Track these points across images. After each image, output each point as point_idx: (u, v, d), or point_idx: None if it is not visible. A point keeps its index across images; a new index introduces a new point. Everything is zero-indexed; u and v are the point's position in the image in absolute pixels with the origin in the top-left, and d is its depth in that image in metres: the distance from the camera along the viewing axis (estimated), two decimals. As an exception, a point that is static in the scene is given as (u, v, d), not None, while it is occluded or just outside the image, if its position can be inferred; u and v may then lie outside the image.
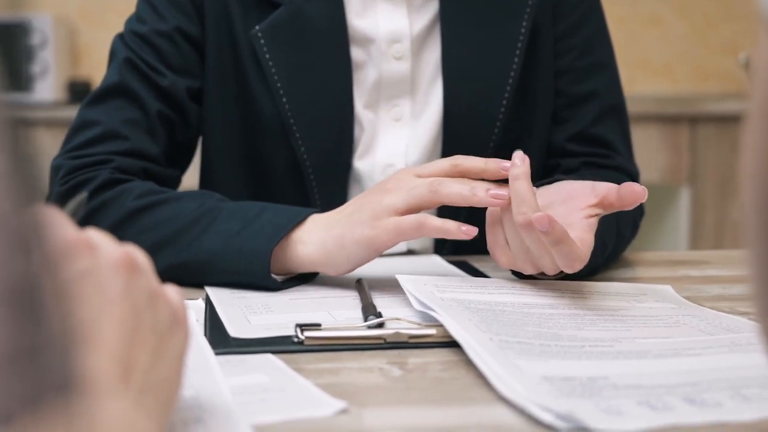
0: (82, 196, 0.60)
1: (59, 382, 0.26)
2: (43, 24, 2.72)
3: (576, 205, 0.88)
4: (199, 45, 1.13)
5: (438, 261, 1.09)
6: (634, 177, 1.17)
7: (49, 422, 0.27)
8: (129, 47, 1.12)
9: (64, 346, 0.27)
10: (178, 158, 1.15)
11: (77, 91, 2.79)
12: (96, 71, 2.99)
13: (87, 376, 0.44)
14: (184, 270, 0.94)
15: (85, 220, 0.99)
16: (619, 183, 1.08)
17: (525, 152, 1.11)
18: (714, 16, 3.22)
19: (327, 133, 1.11)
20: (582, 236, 0.85)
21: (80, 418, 0.38)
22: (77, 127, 1.09)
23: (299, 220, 0.93)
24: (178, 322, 0.52)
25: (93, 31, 3.04)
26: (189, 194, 1.01)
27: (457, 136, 1.12)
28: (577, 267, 0.84)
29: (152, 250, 0.77)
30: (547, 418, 0.56)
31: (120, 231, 0.96)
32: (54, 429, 0.33)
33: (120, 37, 1.14)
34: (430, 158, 1.13)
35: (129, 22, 1.15)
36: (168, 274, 0.81)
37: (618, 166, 1.17)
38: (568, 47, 1.16)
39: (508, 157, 1.12)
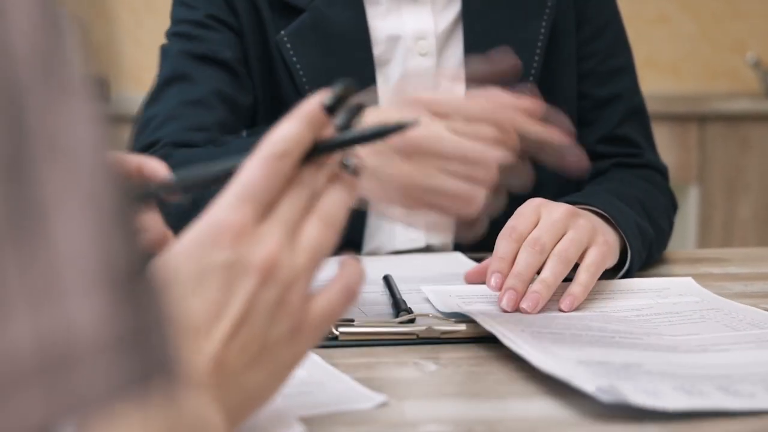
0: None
1: (162, 366, 0.27)
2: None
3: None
4: (236, 30, 1.14)
5: (461, 258, 1.10)
6: (663, 172, 1.21)
7: (148, 405, 0.28)
8: (173, 46, 1.15)
9: (167, 330, 0.28)
10: (238, 128, 1.15)
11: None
12: (108, 69, 3.01)
13: (183, 363, 0.46)
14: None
15: None
16: (651, 181, 1.12)
17: None
18: (722, 14, 3.22)
19: None
20: None
21: (174, 403, 0.40)
22: (140, 126, 1.12)
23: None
24: (297, 339, 0.50)
25: (106, 28, 3.06)
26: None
27: None
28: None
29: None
30: (589, 387, 0.57)
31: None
32: (158, 413, 0.34)
33: (166, 45, 1.17)
34: None
35: (169, 29, 1.18)
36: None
37: (647, 164, 1.19)
38: (592, 51, 1.19)
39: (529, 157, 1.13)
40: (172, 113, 1.10)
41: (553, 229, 0.86)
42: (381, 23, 1.14)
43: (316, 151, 0.50)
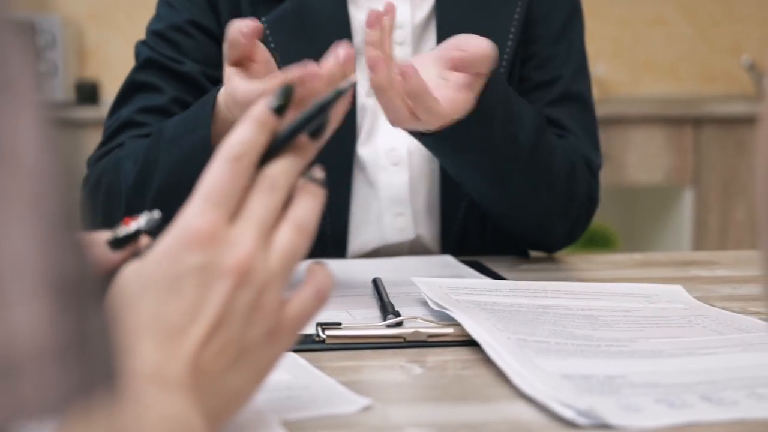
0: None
1: (106, 374, 0.27)
2: (51, 25, 2.74)
3: (446, 64, 0.94)
4: (215, 36, 1.15)
5: (450, 261, 1.10)
6: (589, 163, 1.17)
7: (96, 414, 0.28)
8: (149, 46, 1.16)
9: (110, 338, 0.28)
10: None
11: (85, 92, 2.81)
12: (104, 72, 3.01)
13: (156, 368, 0.46)
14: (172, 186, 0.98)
15: (93, 188, 1.08)
16: (573, 156, 1.11)
17: None
18: (719, 17, 3.23)
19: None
20: (452, 95, 0.91)
21: (126, 410, 0.40)
22: (104, 131, 1.16)
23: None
24: (273, 341, 0.51)
25: (101, 32, 3.05)
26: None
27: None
28: (434, 122, 0.91)
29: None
30: (568, 414, 0.57)
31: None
32: (100, 421, 0.34)
33: (141, 42, 1.18)
34: None
35: (149, 23, 1.19)
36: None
37: (570, 143, 1.16)
38: (537, 35, 1.19)
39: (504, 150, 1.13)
40: (131, 118, 1.13)
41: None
42: (360, 12, 1.16)
43: (271, 151, 0.52)
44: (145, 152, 1.03)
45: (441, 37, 1.14)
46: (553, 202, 1.11)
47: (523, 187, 1.07)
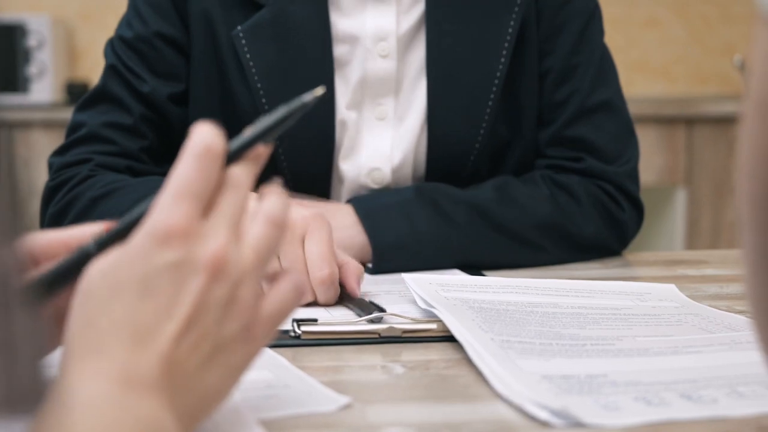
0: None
1: (29, 384, 0.26)
2: (41, 25, 2.73)
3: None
4: (182, 49, 1.14)
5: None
6: (611, 179, 1.15)
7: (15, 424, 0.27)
8: (115, 53, 1.15)
9: (35, 348, 0.27)
10: (169, 156, 1.16)
11: (75, 92, 2.80)
12: (94, 72, 3.00)
13: (126, 369, 0.45)
14: None
15: (58, 213, 1.08)
16: (563, 188, 1.13)
17: (512, 152, 1.14)
18: (712, 18, 3.23)
19: (306, 133, 1.10)
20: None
21: (81, 415, 0.39)
22: (69, 128, 1.16)
23: None
24: (249, 337, 0.50)
25: (91, 31, 3.04)
26: (145, 181, 1.06)
27: (442, 136, 1.13)
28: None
29: None
30: (542, 415, 0.57)
31: (83, 219, 1.03)
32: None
33: (110, 42, 1.18)
34: (414, 160, 1.14)
35: (119, 26, 1.18)
36: None
37: (584, 170, 1.14)
38: (551, 47, 1.16)
39: (493, 160, 1.13)
40: (97, 132, 1.13)
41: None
42: (343, 21, 1.12)
43: (239, 151, 0.52)
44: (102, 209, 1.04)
45: (431, 50, 1.12)
46: (549, 254, 1.10)
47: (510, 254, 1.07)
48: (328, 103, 1.11)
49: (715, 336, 0.76)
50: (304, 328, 0.75)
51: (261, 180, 1.20)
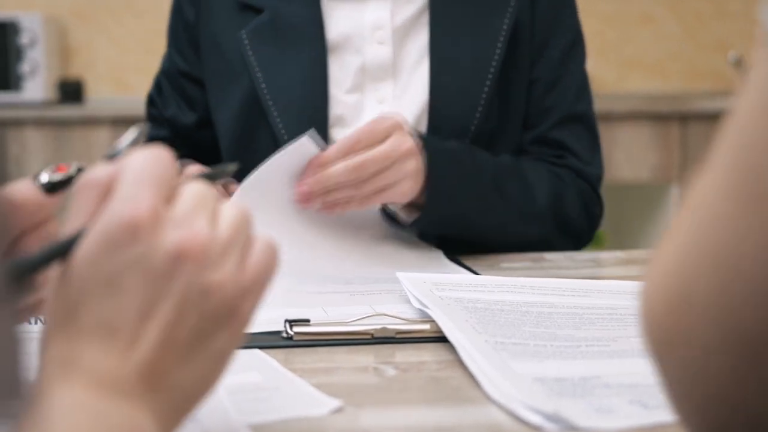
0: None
1: (10, 388, 0.26)
2: (33, 23, 2.71)
3: None
4: (198, 81, 1.27)
5: (440, 256, 1.09)
6: (588, 178, 1.24)
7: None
8: (156, 82, 1.33)
9: (16, 351, 0.27)
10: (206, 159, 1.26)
11: (67, 90, 2.79)
12: (87, 70, 2.99)
13: (106, 374, 0.44)
14: None
15: None
16: (557, 175, 1.20)
17: (496, 147, 1.19)
18: (706, 14, 3.22)
19: (302, 109, 1.18)
20: None
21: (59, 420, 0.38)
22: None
23: None
24: (232, 319, 0.46)
25: (84, 30, 3.03)
26: None
27: (442, 115, 1.18)
28: None
29: None
30: (534, 419, 0.56)
31: None
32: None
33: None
34: None
35: (166, 52, 1.33)
36: None
37: (567, 165, 1.23)
38: (541, 58, 1.24)
39: (486, 144, 1.17)
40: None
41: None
42: (341, 14, 1.21)
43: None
44: None
45: (434, 35, 1.19)
46: (545, 230, 1.17)
47: (512, 226, 1.15)
48: (320, 82, 1.18)
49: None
50: (296, 329, 0.74)
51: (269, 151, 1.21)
